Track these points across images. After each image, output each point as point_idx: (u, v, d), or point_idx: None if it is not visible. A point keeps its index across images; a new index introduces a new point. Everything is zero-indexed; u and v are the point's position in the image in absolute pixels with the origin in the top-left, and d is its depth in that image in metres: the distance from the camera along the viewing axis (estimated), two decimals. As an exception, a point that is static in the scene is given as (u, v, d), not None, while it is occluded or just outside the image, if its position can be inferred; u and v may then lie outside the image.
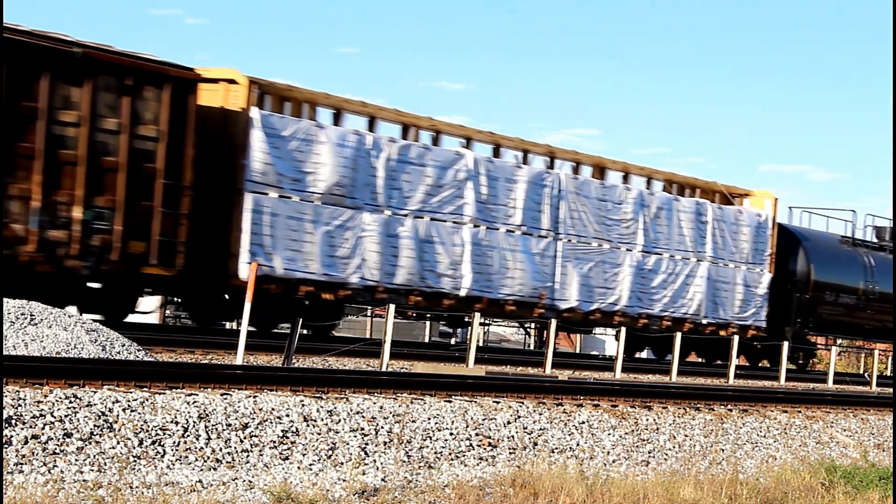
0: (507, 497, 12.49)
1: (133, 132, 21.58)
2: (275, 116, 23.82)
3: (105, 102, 21.25)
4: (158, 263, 21.94)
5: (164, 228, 21.99)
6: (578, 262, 29.26)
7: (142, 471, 11.57)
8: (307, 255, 24.12)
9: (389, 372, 19.41)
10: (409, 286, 26.03)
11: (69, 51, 20.72)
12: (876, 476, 16.11)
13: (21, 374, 12.66)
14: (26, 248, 20.21)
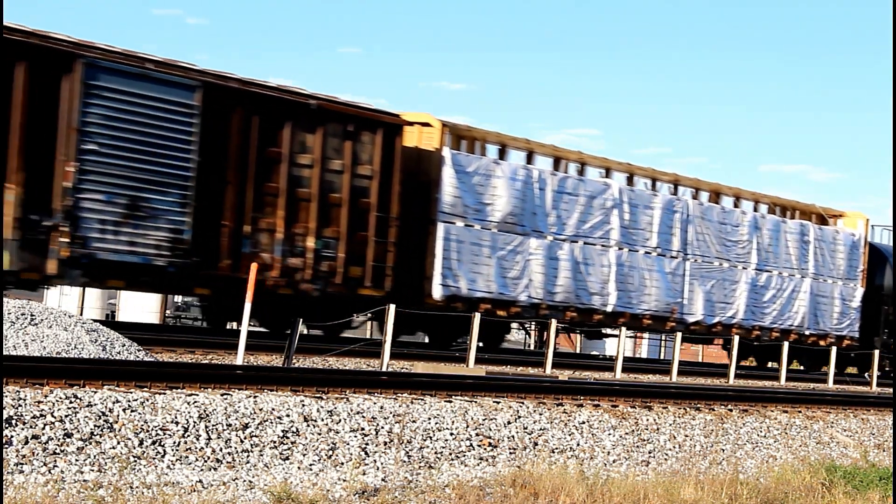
0: (507, 497, 12.48)
1: (353, 171, 25.05)
2: (461, 154, 27.43)
3: (332, 146, 24.70)
4: (372, 286, 25.44)
5: (376, 255, 25.51)
6: (703, 279, 32.91)
7: (142, 471, 11.57)
8: (485, 276, 27.69)
9: (389, 372, 19.41)
10: (567, 303, 29.52)
11: (306, 103, 24.13)
12: (876, 476, 16.11)
13: (21, 374, 12.66)
14: (272, 274, 23.75)
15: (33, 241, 20.62)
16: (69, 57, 20.89)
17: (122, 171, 21.63)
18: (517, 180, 28.12)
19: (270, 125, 23.60)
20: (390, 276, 25.73)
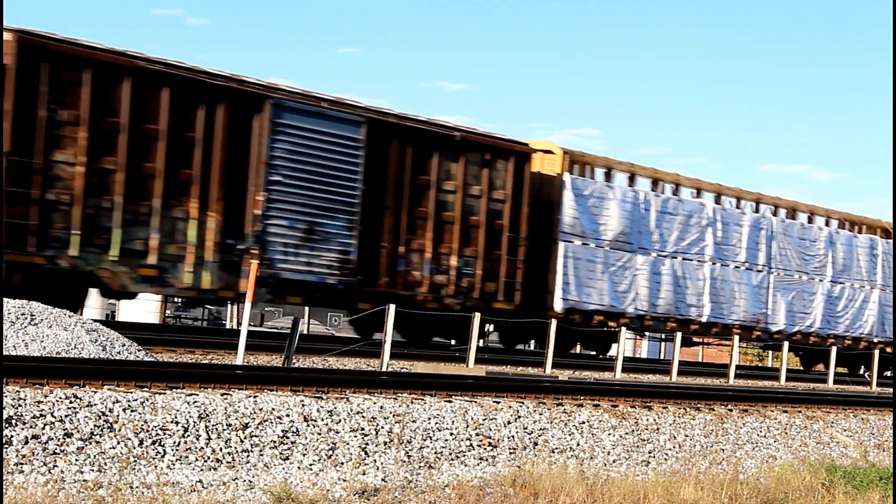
0: (507, 497, 12.48)
1: (489, 196, 27.81)
2: (579, 179, 30.00)
3: (472, 173, 27.43)
4: (504, 300, 28.10)
5: (508, 272, 28.17)
6: (784, 291, 35.59)
7: (142, 471, 11.57)
8: (599, 290, 30.36)
9: (389, 372, 19.41)
10: (668, 315, 32.27)
11: (451, 135, 26.94)
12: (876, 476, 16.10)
13: (21, 374, 12.67)
14: (422, 290, 26.51)
15: (229, 263, 23.37)
16: (260, 98, 23.72)
17: (301, 199, 24.41)
18: (626, 202, 30.85)
19: (421, 155, 26.43)
20: (519, 291, 28.49)
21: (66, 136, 21.30)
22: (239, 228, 23.42)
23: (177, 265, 22.71)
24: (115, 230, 21.85)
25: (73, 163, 21.36)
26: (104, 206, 21.76)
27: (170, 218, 22.54)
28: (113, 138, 21.81)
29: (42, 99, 20.94)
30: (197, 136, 22.84)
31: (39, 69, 20.91)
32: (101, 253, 21.75)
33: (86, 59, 21.46)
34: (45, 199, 21.07)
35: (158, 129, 22.32)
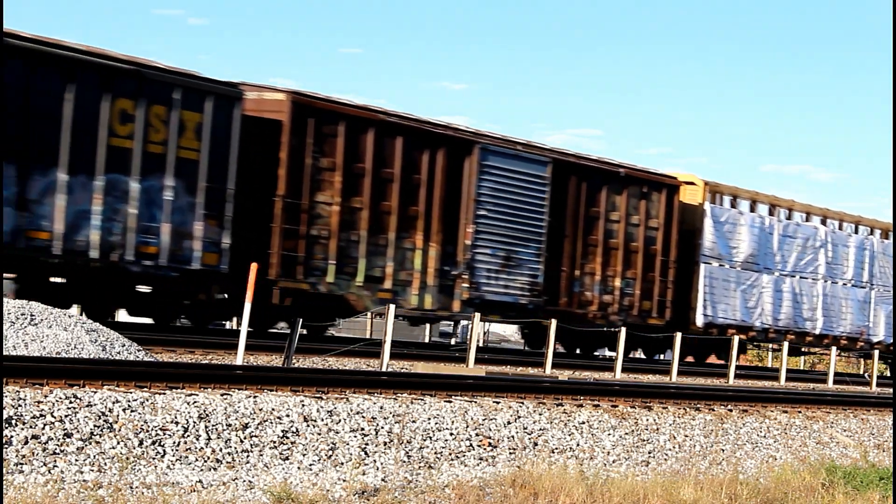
0: (507, 497, 12.48)
1: (646, 224, 31.59)
2: (717, 207, 33.84)
3: (632, 205, 31.14)
4: (657, 316, 32.07)
5: (660, 291, 32.12)
6: (884, 305, 39.27)
7: (142, 471, 11.57)
8: (732, 307, 34.12)
9: (389, 372, 19.41)
10: (787, 328, 36.02)
11: (617, 171, 30.79)
12: (876, 476, 16.09)
13: (21, 374, 12.67)
14: (592, 308, 30.40)
15: (445, 287, 27.06)
16: (470, 144, 27.49)
17: (501, 231, 28.17)
18: (754, 227, 34.81)
19: (592, 189, 30.15)
20: (669, 308, 32.45)
21: (325, 180, 24.85)
22: (453, 257, 27.22)
23: (406, 289, 26.33)
24: (361, 259, 25.49)
25: (330, 203, 24.97)
26: (353, 239, 25.39)
27: (401, 248, 26.18)
28: (359, 181, 25.46)
29: (308, 149, 24.59)
30: (422, 177, 26.54)
31: (307, 124, 24.54)
32: (350, 279, 25.35)
33: (340, 115, 25.07)
34: (309, 235, 24.63)
35: (393, 173, 25.99)
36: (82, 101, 21.29)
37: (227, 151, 23.13)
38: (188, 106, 22.61)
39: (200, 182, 22.82)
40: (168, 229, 22.48)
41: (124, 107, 21.83)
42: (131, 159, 21.91)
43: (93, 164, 21.46)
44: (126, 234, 21.98)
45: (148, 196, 22.20)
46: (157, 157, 22.20)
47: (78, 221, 21.34)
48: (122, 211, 21.93)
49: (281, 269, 24.03)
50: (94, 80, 21.45)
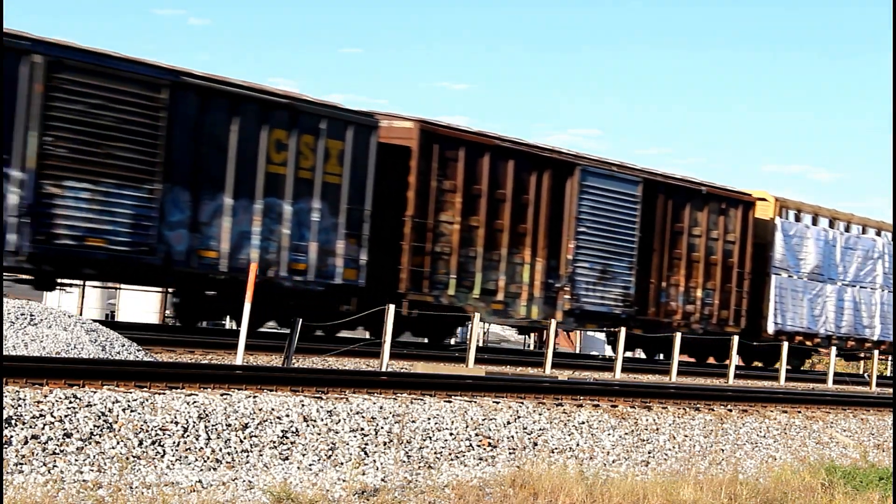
0: (506, 497, 12.48)
1: (724, 238, 33.72)
2: (786, 221, 36.09)
3: (712, 221, 33.41)
4: (733, 324, 34.11)
5: (736, 301, 34.31)
6: None
7: (142, 471, 11.57)
8: (799, 315, 36.41)
9: (389, 372, 19.41)
10: (848, 335, 38.26)
11: (699, 189, 32.99)
12: (876, 476, 16.09)
13: (21, 374, 12.67)
14: (676, 317, 32.69)
15: (549, 298, 29.22)
16: (572, 166, 29.60)
17: (597, 246, 30.27)
18: (820, 240, 36.98)
19: (677, 206, 32.35)
20: (744, 317, 34.53)
21: (447, 201, 27.06)
22: (556, 270, 29.42)
23: (516, 300, 28.56)
24: (477, 274, 27.72)
25: (451, 222, 27.14)
26: (470, 255, 27.60)
27: (512, 263, 28.40)
28: (477, 201, 27.63)
29: (433, 173, 26.76)
30: (529, 197, 28.71)
31: (432, 150, 26.66)
32: (468, 292, 27.56)
33: (461, 141, 27.24)
34: (434, 251, 26.84)
35: (505, 193, 28.18)
36: (245, 132, 23.63)
37: (364, 176, 25.45)
38: (332, 135, 24.88)
39: (342, 204, 25.14)
40: (315, 247, 24.79)
41: (279, 136, 24.14)
42: (285, 184, 24.19)
43: (253, 189, 23.76)
44: (280, 252, 24.29)
45: (298, 217, 24.50)
46: (306, 182, 24.56)
47: (240, 241, 23.63)
48: (277, 231, 24.23)
49: (410, 284, 26.41)
50: (255, 113, 23.77)
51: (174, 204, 22.64)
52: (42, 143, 20.95)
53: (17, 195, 20.67)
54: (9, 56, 20.42)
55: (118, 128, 21.86)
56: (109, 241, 21.82)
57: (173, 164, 22.54)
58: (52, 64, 20.96)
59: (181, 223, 22.73)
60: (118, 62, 21.91)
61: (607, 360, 31.12)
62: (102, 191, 21.72)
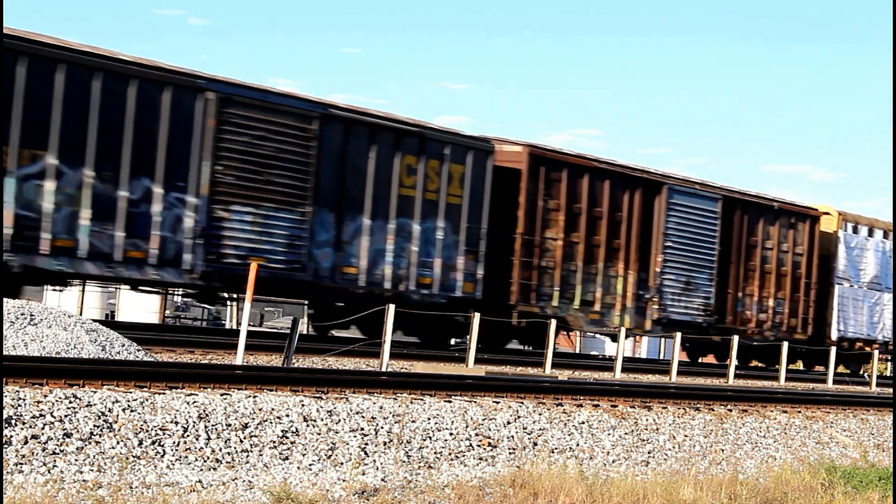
0: (506, 497, 12.48)
1: (793, 251, 35.81)
2: (848, 234, 38.08)
3: (782, 234, 35.48)
4: (801, 331, 36.25)
5: (804, 310, 36.28)
6: None
7: (142, 471, 11.57)
8: (860, 322, 38.49)
9: (389, 372, 19.41)
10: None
11: (772, 205, 34.98)
12: (876, 476, 16.09)
13: (21, 374, 12.67)
14: (751, 325, 34.78)
15: (639, 308, 31.35)
16: (660, 185, 31.73)
17: (682, 259, 32.44)
18: (878, 251, 38.97)
19: (751, 222, 34.51)
20: (811, 325, 36.55)
21: (551, 219, 29.11)
22: (645, 282, 31.58)
23: (610, 310, 30.66)
24: (577, 286, 29.76)
25: (555, 238, 29.20)
26: (571, 269, 29.62)
27: (607, 276, 30.46)
28: (577, 219, 29.62)
29: (540, 193, 28.83)
30: (623, 214, 30.66)
31: (539, 172, 28.78)
32: (569, 303, 29.66)
33: (564, 163, 29.28)
34: (540, 266, 28.93)
35: (602, 211, 30.15)
36: (381, 159, 25.85)
37: (481, 196, 27.76)
38: (455, 160, 27.20)
39: (462, 223, 27.43)
40: (439, 263, 27.08)
41: (410, 162, 26.38)
42: (414, 205, 26.47)
43: (387, 210, 26.03)
44: (409, 267, 26.54)
45: (425, 236, 26.76)
46: (432, 203, 26.87)
47: (376, 258, 25.88)
48: (407, 249, 26.47)
49: (519, 296, 28.57)
50: (390, 141, 25.99)
51: (321, 225, 24.92)
52: (214, 172, 23.14)
53: (192, 219, 22.92)
54: (186, 93, 22.73)
55: (276, 156, 24.09)
56: (268, 259, 24.01)
57: (321, 188, 24.78)
58: (223, 100, 23.18)
59: (327, 242, 25.07)
60: (277, 97, 24.29)
61: (607, 360, 31.13)
62: (262, 214, 23.97)
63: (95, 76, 21.52)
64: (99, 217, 21.72)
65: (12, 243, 20.75)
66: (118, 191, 21.94)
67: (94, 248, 21.74)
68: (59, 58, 21.11)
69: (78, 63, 21.31)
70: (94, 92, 21.52)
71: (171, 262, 22.68)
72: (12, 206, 20.72)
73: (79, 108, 21.38)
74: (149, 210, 22.33)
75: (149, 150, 22.25)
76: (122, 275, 22.27)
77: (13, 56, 20.44)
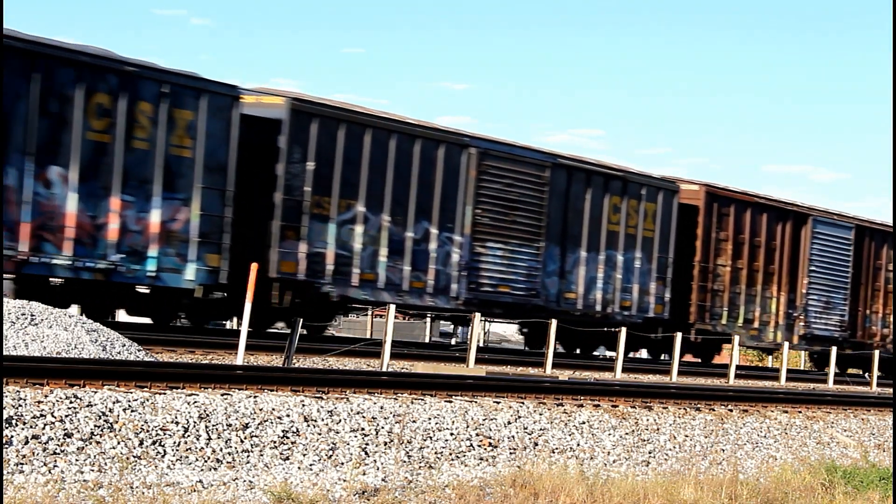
0: (507, 497, 12.48)
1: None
2: None
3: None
4: None
5: None
6: None
7: (142, 471, 11.57)
8: None
9: (390, 372, 19.41)
10: None
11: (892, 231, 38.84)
12: (876, 476, 16.08)
13: (21, 374, 12.67)
14: (875, 339, 38.83)
15: (789, 325, 35.75)
16: (806, 216, 36.15)
17: (823, 281, 36.78)
18: None
19: (877, 247, 38.52)
20: None
21: (721, 249, 33.70)
22: (793, 302, 36.03)
23: (766, 327, 35.18)
24: (741, 306, 34.32)
25: (724, 265, 33.81)
26: (736, 291, 34.16)
27: (764, 297, 34.98)
28: (741, 248, 34.21)
29: (713, 226, 33.50)
30: (776, 243, 35.22)
31: (713, 208, 33.55)
32: (735, 322, 34.14)
33: (731, 199, 33.93)
34: (712, 289, 33.51)
35: (760, 241, 34.71)
36: (594, 200, 30.37)
37: (668, 230, 32.37)
38: (649, 199, 31.83)
39: (654, 253, 31.99)
40: (636, 289, 31.66)
41: (615, 202, 30.85)
42: (618, 239, 31.04)
43: (598, 244, 30.56)
44: (614, 293, 31.07)
45: (626, 265, 31.28)
46: (631, 237, 31.38)
47: (590, 285, 30.44)
48: (613, 277, 31.02)
49: (697, 315, 33.28)
50: (601, 184, 30.51)
51: (550, 257, 29.51)
52: (474, 214, 27.76)
53: (458, 254, 27.52)
54: (454, 149, 27.26)
55: (519, 200, 28.69)
56: (512, 287, 28.74)
57: (550, 226, 29.39)
58: (482, 154, 27.82)
59: (554, 272, 29.65)
60: (520, 150, 28.89)
61: (608, 361, 31.13)
62: (509, 249, 28.58)
63: (391, 137, 25.92)
64: (392, 254, 26.14)
65: (333, 277, 25.05)
66: (406, 232, 26.46)
67: (388, 279, 26.14)
68: (366, 123, 25.54)
69: (379, 127, 25.70)
70: (391, 151, 25.93)
71: (443, 291, 27.24)
72: (333, 247, 25.04)
73: (379, 164, 25.70)
74: (427, 248, 26.88)
75: (428, 197, 26.76)
76: (407, 301, 26.59)
77: (335, 123, 24.91)
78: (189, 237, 22.92)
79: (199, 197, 22.92)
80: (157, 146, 22.37)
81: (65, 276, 21.63)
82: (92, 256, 21.67)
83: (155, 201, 22.37)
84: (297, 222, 24.47)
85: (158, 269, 22.58)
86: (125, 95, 21.92)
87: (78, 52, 21.62)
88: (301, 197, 24.49)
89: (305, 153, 24.47)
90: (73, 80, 21.32)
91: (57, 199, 21.20)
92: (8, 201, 20.42)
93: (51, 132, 21.10)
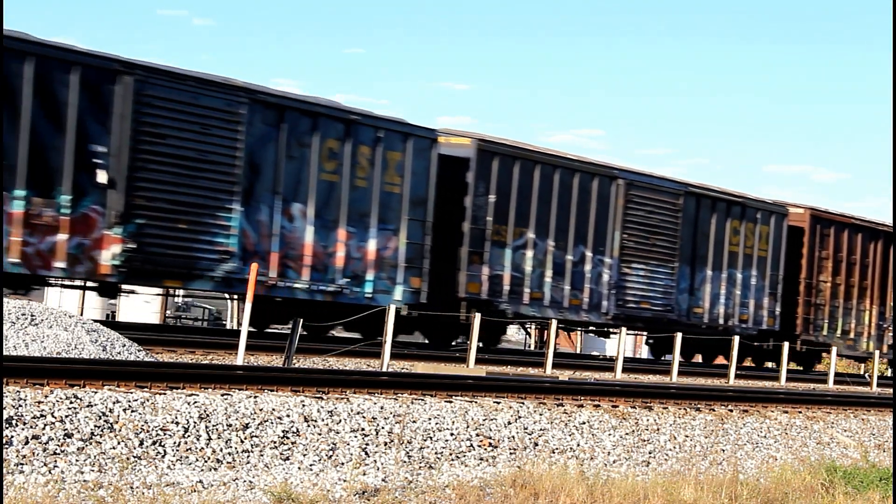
0: (507, 497, 12.48)
1: None
2: None
3: None
4: None
5: None
6: None
7: (142, 471, 11.57)
8: None
9: (390, 372, 19.40)
10: None
11: None
12: (876, 476, 16.08)
13: (21, 375, 12.67)
14: None
15: (879, 336, 38.37)
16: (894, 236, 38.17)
17: None
18: None
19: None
20: None
21: (823, 266, 36.36)
22: (883, 314, 38.47)
23: (860, 338, 37.76)
24: (839, 319, 36.89)
25: (826, 281, 36.50)
26: (835, 305, 36.74)
27: (858, 310, 37.59)
28: (839, 265, 36.94)
29: (816, 246, 36.32)
30: (869, 260, 37.89)
31: (816, 229, 36.16)
32: (834, 333, 36.69)
33: (832, 221, 36.62)
34: (815, 303, 36.20)
35: (855, 259, 37.46)
36: (718, 223, 33.21)
37: (779, 250, 35.10)
38: (763, 222, 34.62)
39: (767, 271, 34.76)
40: (752, 304, 34.45)
41: (735, 225, 33.79)
42: (737, 258, 33.86)
43: (721, 263, 33.44)
44: (734, 307, 33.93)
45: (744, 282, 34.10)
46: (748, 257, 34.33)
47: (714, 301, 33.31)
48: (733, 293, 33.84)
49: (802, 327, 36.06)
50: (723, 209, 33.41)
51: (681, 276, 32.34)
52: (622, 239, 30.50)
53: (608, 275, 30.33)
54: (605, 181, 30.14)
55: (657, 225, 31.50)
56: (652, 303, 31.56)
57: (682, 248, 32.20)
58: (628, 184, 30.50)
59: (685, 289, 32.49)
60: (659, 180, 31.78)
61: (608, 361, 31.14)
62: (649, 269, 31.38)
63: (556, 172, 28.85)
64: (555, 275, 29.11)
65: (508, 296, 28.14)
66: (566, 255, 29.35)
67: (552, 298, 29.10)
68: (536, 159, 28.54)
69: (546, 162, 28.70)
70: (555, 184, 28.83)
71: (595, 307, 30.10)
72: (509, 270, 28.10)
73: (545, 196, 28.64)
74: (583, 269, 29.76)
75: (584, 224, 29.65)
76: (567, 317, 29.50)
77: (512, 160, 27.92)
78: (398, 263, 26.08)
79: (405, 227, 26.10)
80: (373, 184, 25.51)
81: (303, 297, 24.49)
82: (324, 280, 24.75)
83: (371, 232, 25.56)
84: (481, 248, 27.65)
85: (374, 291, 25.65)
86: (350, 140, 25.00)
87: (314, 103, 24.67)
88: (484, 226, 27.68)
89: (488, 187, 27.69)
90: (311, 128, 24.40)
91: (297, 232, 24.30)
92: (261, 235, 23.69)
93: (294, 174, 24.14)
